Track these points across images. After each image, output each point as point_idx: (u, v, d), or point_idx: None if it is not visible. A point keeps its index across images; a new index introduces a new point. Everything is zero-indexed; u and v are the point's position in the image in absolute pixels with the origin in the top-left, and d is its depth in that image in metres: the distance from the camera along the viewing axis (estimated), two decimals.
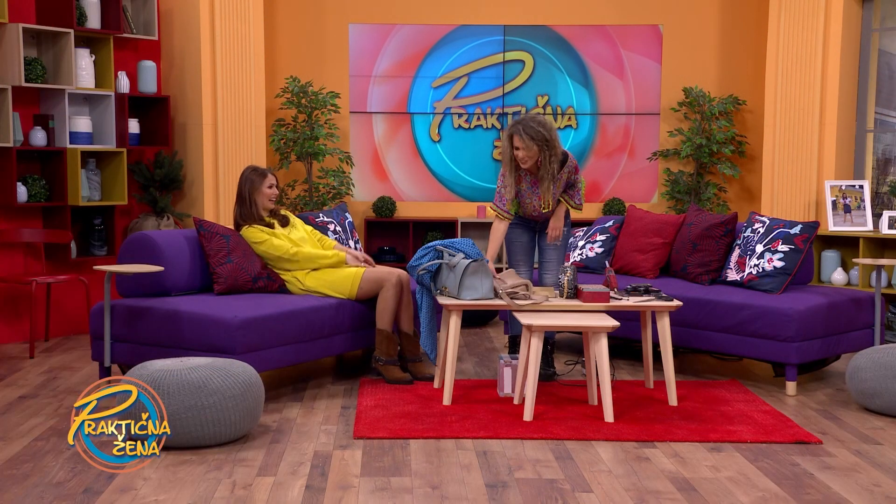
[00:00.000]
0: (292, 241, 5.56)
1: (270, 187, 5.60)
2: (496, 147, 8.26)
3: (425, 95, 8.26)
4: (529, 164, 5.33)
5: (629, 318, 5.70)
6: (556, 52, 8.22)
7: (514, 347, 5.72)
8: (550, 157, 5.31)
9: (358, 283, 5.46)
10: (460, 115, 8.27)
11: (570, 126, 8.27)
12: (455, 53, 8.22)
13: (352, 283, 5.47)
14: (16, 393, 5.29)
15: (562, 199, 5.57)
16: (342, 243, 6.00)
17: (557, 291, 5.19)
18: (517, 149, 5.30)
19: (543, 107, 8.25)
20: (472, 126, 8.28)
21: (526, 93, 8.26)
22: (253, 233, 5.51)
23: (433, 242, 5.41)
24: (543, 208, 5.49)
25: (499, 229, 5.49)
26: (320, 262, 5.54)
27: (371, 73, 8.20)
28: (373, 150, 8.26)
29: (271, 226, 5.58)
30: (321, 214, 6.09)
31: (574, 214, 7.44)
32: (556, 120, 8.24)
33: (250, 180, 5.58)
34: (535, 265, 5.80)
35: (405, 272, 5.58)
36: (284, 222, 5.69)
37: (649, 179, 8.29)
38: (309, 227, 5.81)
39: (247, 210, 5.57)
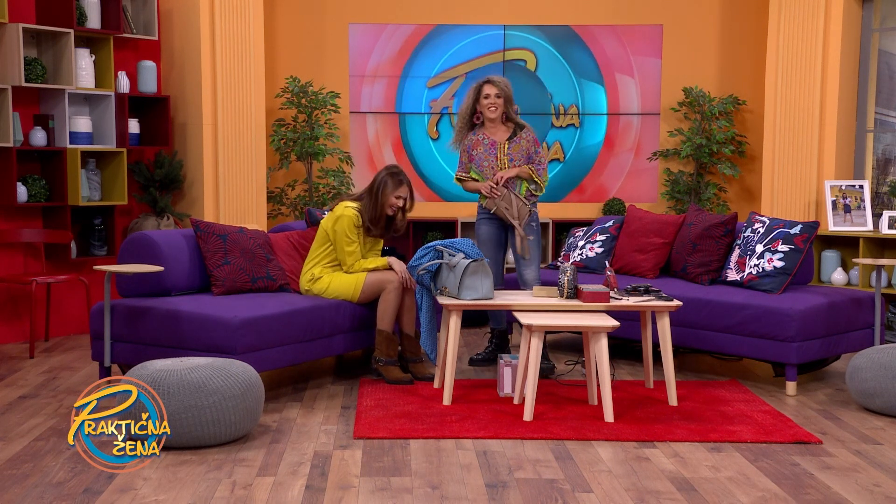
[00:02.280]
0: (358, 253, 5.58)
1: (398, 198, 5.57)
2: None
3: (420, 94, 8.24)
4: (497, 112, 5.72)
5: (629, 318, 5.70)
6: (561, 51, 8.21)
7: (497, 344, 5.90)
8: (514, 112, 5.79)
9: (361, 288, 5.46)
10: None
11: (573, 125, 8.26)
12: (450, 51, 8.20)
13: (354, 287, 5.47)
14: (16, 393, 5.29)
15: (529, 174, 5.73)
16: None
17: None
18: (488, 96, 5.70)
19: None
20: None
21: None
22: (348, 222, 5.49)
23: (433, 242, 5.41)
24: (500, 168, 5.71)
25: (468, 185, 5.83)
26: (367, 266, 5.55)
27: (365, 72, 8.18)
28: (370, 150, 8.25)
29: (366, 231, 5.58)
30: (327, 213, 6.08)
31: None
32: (557, 119, 8.24)
33: (385, 182, 5.55)
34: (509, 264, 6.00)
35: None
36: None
37: (653, 179, 8.28)
38: (380, 244, 5.78)
39: (370, 204, 5.57)
